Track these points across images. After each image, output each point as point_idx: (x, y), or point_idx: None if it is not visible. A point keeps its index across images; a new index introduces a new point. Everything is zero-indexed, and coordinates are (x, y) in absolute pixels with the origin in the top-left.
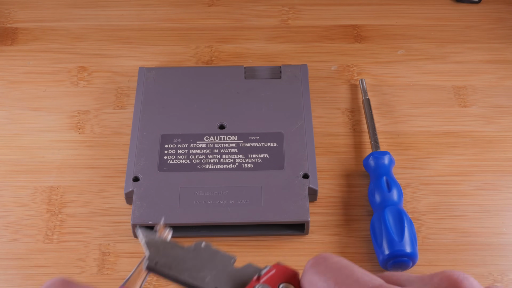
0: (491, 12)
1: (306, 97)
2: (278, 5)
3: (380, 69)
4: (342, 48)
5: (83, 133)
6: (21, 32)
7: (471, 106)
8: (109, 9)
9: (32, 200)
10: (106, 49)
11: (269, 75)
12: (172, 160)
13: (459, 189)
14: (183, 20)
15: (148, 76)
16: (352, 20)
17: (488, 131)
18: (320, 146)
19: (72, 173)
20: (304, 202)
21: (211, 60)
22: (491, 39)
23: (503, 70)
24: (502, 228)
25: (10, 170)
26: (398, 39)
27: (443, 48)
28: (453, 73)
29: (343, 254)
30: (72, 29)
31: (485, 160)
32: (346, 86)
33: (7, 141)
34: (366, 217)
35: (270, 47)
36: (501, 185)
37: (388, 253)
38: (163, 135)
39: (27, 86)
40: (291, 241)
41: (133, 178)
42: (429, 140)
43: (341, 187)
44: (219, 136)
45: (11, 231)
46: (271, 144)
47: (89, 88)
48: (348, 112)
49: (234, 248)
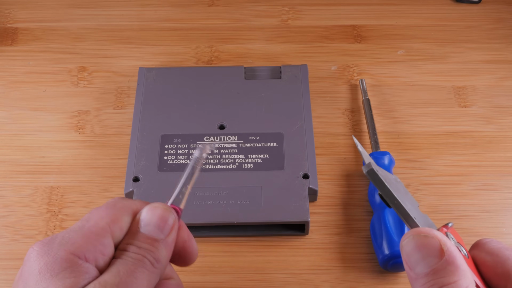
0: (491, 12)
1: (306, 97)
2: (278, 5)
3: (380, 69)
4: (342, 48)
5: (83, 133)
6: (21, 32)
7: (471, 106)
8: (109, 9)
9: (32, 200)
10: (106, 49)
11: (269, 75)
12: (172, 161)
13: (459, 189)
14: (183, 20)
15: (148, 76)
16: (352, 20)
17: (488, 131)
18: (320, 146)
19: (72, 173)
20: (304, 202)
21: (211, 60)
22: (491, 39)
23: (503, 70)
24: (502, 228)
25: (10, 170)
26: (398, 39)
27: (443, 48)
28: (453, 73)
29: (343, 254)
30: (72, 29)
31: (485, 160)
32: (346, 86)
33: (7, 141)
34: (366, 217)
35: (270, 47)
36: (501, 185)
37: (388, 253)
38: (163, 135)
39: (27, 86)
40: (291, 241)
41: (133, 178)
42: (429, 140)
43: (341, 187)
44: (219, 137)
45: (11, 231)
46: (271, 144)
47: (89, 88)
48: (348, 112)
49: (234, 248)
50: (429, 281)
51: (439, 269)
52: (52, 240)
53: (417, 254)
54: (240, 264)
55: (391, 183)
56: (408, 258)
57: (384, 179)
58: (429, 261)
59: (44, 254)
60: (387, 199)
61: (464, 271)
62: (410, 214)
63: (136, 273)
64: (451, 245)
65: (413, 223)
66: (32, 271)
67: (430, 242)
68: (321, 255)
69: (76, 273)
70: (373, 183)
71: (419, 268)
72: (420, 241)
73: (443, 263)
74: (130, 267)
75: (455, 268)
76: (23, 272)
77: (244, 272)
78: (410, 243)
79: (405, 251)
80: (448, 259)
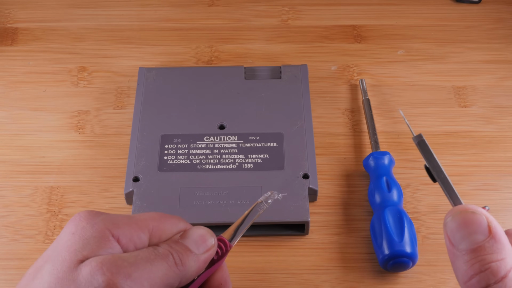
0: (491, 12)
1: (306, 97)
2: (278, 5)
3: (380, 69)
4: (342, 48)
5: (83, 133)
6: (21, 32)
7: (471, 106)
8: (109, 9)
9: (32, 200)
10: (106, 49)
11: (269, 75)
12: (172, 160)
13: (459, 189)
14: (183, 20)
15: (148, 76)
16: (352, 20)
17: (488, 131)
18: (320, 146)
19: (72, 173)
20: (304, 202)
21: (211, 60)
22: (491, 39)
23: (503, 70)
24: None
25: (10, 170)
26: (398, 39)
27: (443, 48)
28: (453, 73)
29: (343, 254)
30: (72, 29)
31: (485, 160)
32: (346, 86)
33: (7, 141)
34: (366, 217)
35: (270, 47)
36: (501, 185)
37: (388, 253)
38: (163, 135)
39: (27, 86)
40: (291, 241)
41: (133, 178)
42: (429, 140)
43: (341, 187)
44: (219, 136)
45: (11, 231)
46: (271, 144)
47: (89, 88)
48: (348, 112)
49: (234, 248)
50: (475, 257)
51: (486, 247)
52: (99, 214)
53: (463, 230)
54: (240, 264)
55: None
56: (452, 234)
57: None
58: (476, 238)
59: (85, 220)
60: (434, 172)
61: (510, 250)
62: (455, 190)
63: (155, 261)
64: (497, 224)
65: (457, 200)
66: (69, 230)
67: (478, 218)
68: (321, 255)
69: (101, 244)
70: (422, 154)
71: (464, 244)
72: (468, 217)
73: (490, 240)
74: (151, 255)
75: (502, 246)
76: (63, 230)
77: (244, 272)
78: (456, 219)
79: (449, 227)
80: (495, 237)
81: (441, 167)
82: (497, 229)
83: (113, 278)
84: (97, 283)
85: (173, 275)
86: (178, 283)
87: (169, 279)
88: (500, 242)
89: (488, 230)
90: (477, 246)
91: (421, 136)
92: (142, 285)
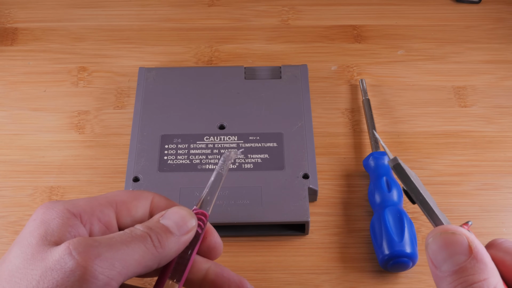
0: (491, 12)
1: (306, 97)
2: (278, 5)
3: (380, 69)
4: (342, 48)
5: (83, 133)
6: (21, 32)
7: (471, 106)
8: (109, 9)
9: (32, 200)
10: (106, 49)
11: (269, 75)
12: (172, 160)
13: (459, 189)
14: (183, 20)
15: (148, 76)
16: (352, 20)
17: (488, 131)
18: (320, 146)
19: (72, 173)
20: (304, 202)
21: (211, 60)
22: (491, 39)
23: (503, 70)
24: (502, 228)
25: (10, 170)
26: (398, 39)
27: (443, 48)
28: (453, 73)
29: (343, 254)
30: (72, 29)
31: (485, 160)
32: (346, 86)
33: (7, 141)
34: (366, 217)
35: (270, 47)
36: (501, 185)
37: (388, 253)
38: (163, 135)
39: (27, 86)
40: (291, 241)
41: (133, 178)
42: (429, 140)
43: (341, 187)
44: (219, 136)
45: (11, 231)
46: (271, 144)
47: (89, 88)
48: (348, 112)
49: (234, 248)
50: (457, 279)
51: (468, 267)
52: (59, 200)
53: (444, 252)
54: (240, 264)
55: (416, 179)
56: (434, 256)
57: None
58: (457, 259)
59: (45, 207)
60: (412, 194)
61: (492, 269)
62: (435, 211)
63: (131, 243)
64: (479, 243)
65: (438, 221)
66: (31, 218)
67: (458, 239)
68: (321, 255)
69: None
70: (398, 178)
71: (446, 266)
72: (448, 238)
73: (472, 260)
74: (127, 238)
75: (484, 266)
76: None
77: (244, 272)
78: (436, 240)
79: (431, 249)
80: (476, 257)
81: (419, 189)
82: (478, 248)
83: (84, 259)
84: (65, 262)
85: (151, 257)
86: (157, 265)
87: (146, 261)
88: (482, 262)
89: (469, 250)
90: (459, 267)
91: (396, 159)
92: (113, 265)
